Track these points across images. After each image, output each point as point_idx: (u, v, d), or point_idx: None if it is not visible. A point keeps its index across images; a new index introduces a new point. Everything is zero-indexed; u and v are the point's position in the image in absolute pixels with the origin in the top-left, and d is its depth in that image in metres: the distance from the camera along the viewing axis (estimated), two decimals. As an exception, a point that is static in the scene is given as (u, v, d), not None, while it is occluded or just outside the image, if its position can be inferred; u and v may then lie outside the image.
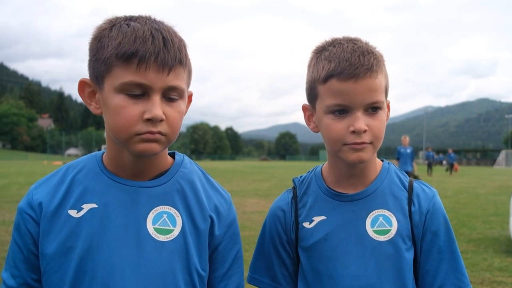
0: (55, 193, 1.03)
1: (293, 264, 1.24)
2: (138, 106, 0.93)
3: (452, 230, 1.18)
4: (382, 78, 1.09)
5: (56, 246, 0.98)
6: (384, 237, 1.13)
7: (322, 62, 1.10)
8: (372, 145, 1.09)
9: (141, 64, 0.91)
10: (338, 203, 1.18)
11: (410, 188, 1.18)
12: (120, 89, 0.93)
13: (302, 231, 1.20)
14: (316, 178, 1.24)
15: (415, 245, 1.16)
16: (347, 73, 1.04)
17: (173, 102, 0.98)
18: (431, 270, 1.15)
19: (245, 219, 8.15)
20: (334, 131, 1.09)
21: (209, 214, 1.08)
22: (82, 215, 1.00)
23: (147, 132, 0.94)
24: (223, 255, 1.11)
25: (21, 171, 25.09)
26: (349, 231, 1.15)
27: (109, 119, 0.96)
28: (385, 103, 1.12)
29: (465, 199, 12.22)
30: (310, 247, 1.18)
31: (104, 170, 1.05)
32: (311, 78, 1.13)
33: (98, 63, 0.95)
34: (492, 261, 5.39)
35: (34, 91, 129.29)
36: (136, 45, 0.91)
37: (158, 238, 1.01)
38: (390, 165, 1.24)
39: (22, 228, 1.02)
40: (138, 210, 1.02)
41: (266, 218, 1.28)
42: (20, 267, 1.02)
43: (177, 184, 1.07)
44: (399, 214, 1.15)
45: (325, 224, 1.17)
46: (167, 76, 0.94)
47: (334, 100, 1.07)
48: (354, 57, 1.05)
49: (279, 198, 1.28)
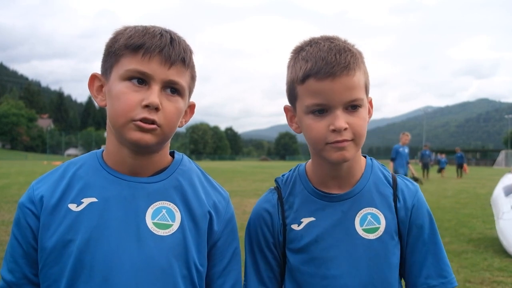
0: (56, 188, 1.04)
1: (278, 266, 1.23)
2: (138, 94, 0.98)
3: (435, 222, 1.20)
4: (361, 75, 1.08)
5: (56, 239, 0.99)
6: (374, 235, 1.14)
7: (300, 62, 1.09)
8: (353, 143, 1.08)
9: (146, 54, 0.98)
10: (326, 203, 1.17)
11: (395, 184, 1.19)
12: (124, 76, 0.99)
13: (290, 234, 1.18)
14: (301, 178, 1.23)
15: (401, 239, 1.18)
16: (323, 72, 1.04)
17: (172, 97, 1.01)
18: (417, 262, 1.17)
19: (245, 219, 8.04)
20: (315, 131, 1.08)
21: (208, 210, 1.10)
22: (81, 209, 1.01)
23: (142, 118, 0.97)
24: (221, 251, 1.12)
25: (21, 171, 25.07)
26: (340, 231, 1.15)
27: (111, 106, 1.01)
28: (366, 100, 1.11)
29: (465, 199, 12.21)
30: (301, 249, 1.17)
31: (104, 166, 1.07)
32: (290, 79, 1.14)
33: (110, 55, 1.02)
34: (492, 261, 5.38)
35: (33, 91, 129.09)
36: (144, 38, 0.99)
37: (157, 232, 1.02)
38: (373, 161, 1.24)
39: (22, 222, 1.03)
40: (138, 205, 1.03)
41: (250, 219, 1.26)
42: (19, 262, 1.03)
43: (176, 181, 1.09)
44: (386, 211, 1.16)
45: (314, 225, 1.16)
46: (168, 70, 0.99)
47: (313, 100, 1.07)
48: (330, 56, 1.05)
49: (263, 199, 1.25)
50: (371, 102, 1.17)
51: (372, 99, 1.18)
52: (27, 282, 1.03)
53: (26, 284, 1.03)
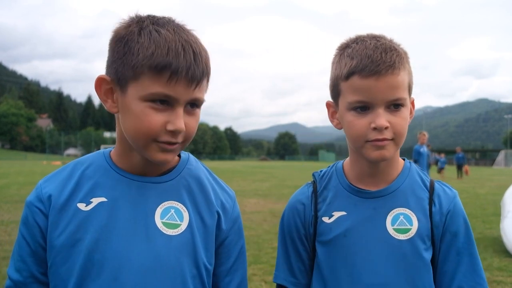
0: (64, 187, 1.04)
1: (309, 258, 1.23)
2: (162, 116, 0.95)
3: (472, 232, 1.18)
4: (405, 75, 1.08)
5: (65, 238, 1.00)
6: (404, 236, 1.12)
7: (345, 59, 1.10)
8: (393, 142, 1.08)
9: (172, 77, 0.92)
10: (359, 199, 1.17)
11: (431, 188, 1.18)
12: (147, 98, 0.94)
13: (321, 226, 1.19)
14: (337, 173, 1.24)
15: (434, 245, 1.15)
16: (368, 70, 1.04)
17: (193, 112, 1.00)
18: (449, 271, 1.14)
19: (244, 219, 8.13)
20: (355, 127, 1.09)
21: (216, 209, 1.10)
22: (91, 208, 1.02)
23: (166, 142, 0.96)
24: (229, 250, 1.13)
25: (21, 171, 25.06)
26: (369, 228, 1.14)
27: (130, 123, 0.97)
28: (408, 100, 1.11)
29: (465, 199, 12.21)
30: (329, 242, 1.17)
31: (113, 166, 1.07)
32: (334, 75, 1.14)
33: (125, 67, 0.95)
34: (492, 261, 5.41)
35: (33, 91, 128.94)
36: (169, 58, 0.92)
37: (166, 232, 1.03)
38: (412, 165, 1.23)
39: (31, 221, 1.03)
40: (147, 205, 1.03)
41: (284, 211, 1.27)
42: (27, 261, 1.03)
43: (184, 181, 1.10)
44: (419, 214, 1.14)
45: (345, 219, 1.16)
46: (193, 90, 0.96)
47: (356, 97, 1.07)
48: (376, 54, 1.05)
49: (299, 192, 1.27)
50: (413, 103, 1.17)
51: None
52: (34, 281, 1.03)
53: (33, 283, 1.03)
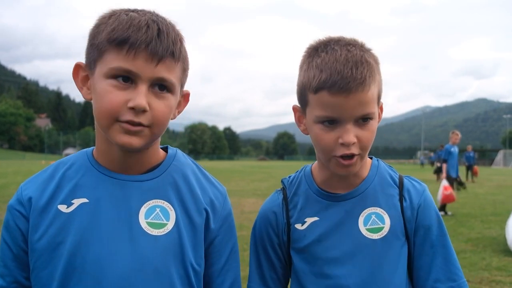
0: (45, 189, 1.01)
1: (282, 267, 1.22)
2: (123, 93, 0.92)
3: (444, 224, 1.18)
4: (375, 88, 1.06)
5: (46, 241, 0.97)
6: (377, 235, 1.12)
7: (313, 70, 1.05)
8: (360, 156, 1.08)
9: (130, 50, 0.90)
10: (330, 203, 1.16)
11: (401, 184, 1.18)
12: (108, 74, 0.92)
13: (294, 233, 1.18)
14: (306, 178, 1.22)
15: (408, 240, 1.15)
16: (338, 87, 1.00)
17: (161, 95, 0.95)
18: (425, 265, 1.14)
19: (243, 219, 8.12)
20: (323, 142, 1.07)
21: (204, 207, 1.06)
22: (72, 210, 0.98)
23: (128, 121, 0.92)
24: (219, 249, 1.09)
25: (19, 171, 24.99)
26: (343, 231, 1.14)
27: (95, 104, 0.95)
28: (377, 112, 1.10)
29: (464, 199, 12.18)
30: (304, 248, 1.16)
31: (95, 164, 1.03)
32: (302, 84, 1.10)
33: (93, 48, 0.95)
34: (491, 261, 5.39)
35: (31, 91, 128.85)
36: (128, 32, 0.90)
37: (151, 232, 0.99)
38: (380, 162, 1.23)
39: (12, 224, 1.00)
40: (130, 204, 1.00)
41: (256, 220, 1.25)
42: (10, 265, 1.00)
43: (170, 178, 1.05)
44: (391, 211, 1.14)
45: (317, 225, 1.15)
46: (155, 67, 0.92)
47: (324, 112, 1.04)
48: (346, 70, 1.01)
49: (269, 200, 1.26)
50: (382, 107, 1.16)
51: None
52: (18, 286, 1.00)
53: None
